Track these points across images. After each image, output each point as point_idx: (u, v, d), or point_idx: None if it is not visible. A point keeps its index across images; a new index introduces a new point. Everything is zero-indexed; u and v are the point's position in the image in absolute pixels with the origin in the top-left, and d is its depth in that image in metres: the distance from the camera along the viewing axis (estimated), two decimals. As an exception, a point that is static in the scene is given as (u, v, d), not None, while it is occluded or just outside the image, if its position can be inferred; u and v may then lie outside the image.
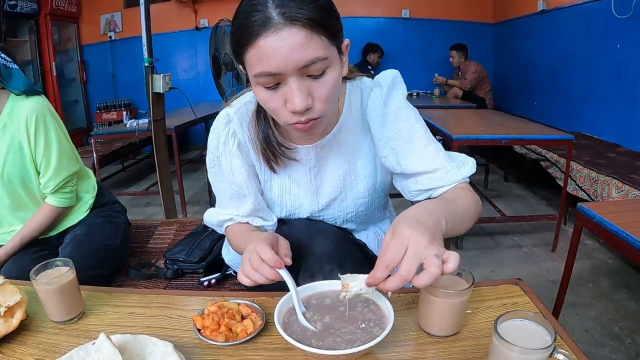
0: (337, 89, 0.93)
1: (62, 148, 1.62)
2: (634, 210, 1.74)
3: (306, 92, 0.88)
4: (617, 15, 3.81)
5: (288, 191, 1.19)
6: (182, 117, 4.16)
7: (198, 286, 1.58)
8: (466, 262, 2.97)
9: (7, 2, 5.29)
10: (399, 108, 1.12)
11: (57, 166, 1.60)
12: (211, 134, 1.14)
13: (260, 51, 0.83)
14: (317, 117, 0.92)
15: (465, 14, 6.42)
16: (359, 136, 1.17)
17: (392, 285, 0.73)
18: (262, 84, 0.89)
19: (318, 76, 0.88)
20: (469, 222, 1.03)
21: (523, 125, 3.53)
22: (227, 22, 3.19)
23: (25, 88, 1.55)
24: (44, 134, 1.56)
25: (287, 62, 0.83)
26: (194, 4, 6.34)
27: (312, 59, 0.84)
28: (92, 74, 6.80)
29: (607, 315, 2.32)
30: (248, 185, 1.14)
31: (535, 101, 5.51)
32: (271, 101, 0.91)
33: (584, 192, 3.13)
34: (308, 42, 0.83)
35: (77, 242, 1.65)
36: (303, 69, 0.85)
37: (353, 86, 1.16)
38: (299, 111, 0.88)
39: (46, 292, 0.93)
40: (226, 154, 1.12)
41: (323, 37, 0.86)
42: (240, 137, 1.12)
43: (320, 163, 1.17)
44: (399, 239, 0.73)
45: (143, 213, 4.18)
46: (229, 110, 1.13)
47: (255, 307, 0.94)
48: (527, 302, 0.96)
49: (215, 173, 1.17)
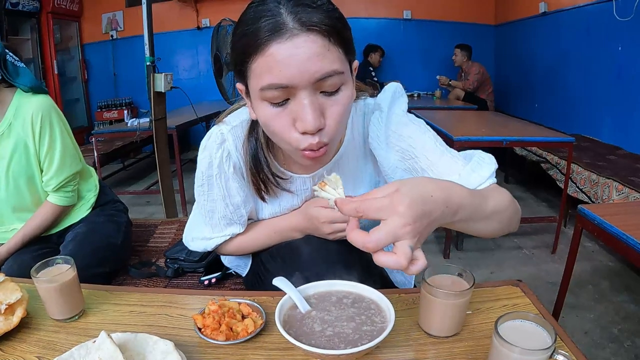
0: (349, 111, 0.87)
1: (66, 147, 1.62)
2: (634, 213, 1.75)
3: (319, 109, 0.80)
4: (618, 17, 3.82)
5: (279, 215, 1.14)
6: (183, 117, 4.17)
7: (198, 285, 1.58)
8: (466, 263, 2.97)
9: (9, 1, 5.31)
10: (401, 125, 1.03)
11: (59, 165, 1.60)
12: (202, 153, 1.05)
13: (271, 60, 0.75)
14: (328, 141, 0.83)
15: (467, 16, 6.43)
16: (360, 163, 1.11)
17: (351, 237, 0.64)
18: (269, 100, 0.80)
19: (332, 93, 0.81)
20: (498, 224, 0.90)
21: (524, 127, 3.54)
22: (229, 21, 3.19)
23: (32, 85, 1.56)
24: (48, 133, 1.56)
25: (302, 73, 0.75)
26: (195, 3, 6.36)
27: (329, 72, 0.77)
28: (94, 72, 6.82)
29: (607, 317, 2.32)
30: (245, 205, 1.10)
31: (537, 103, 5.52)
32: (277, 120, 0.82)
33: (585, 194, 3.14)
34: (325, 52, 0.76)
35: (78, 240, 1.65)
36: (318, 83, 0.78)
37: (356, 109, 1.07)
38: (310, 131, 0.79)
39: (47, 290, 0.93)
40: (221, 177, 1.04)
41: (340, 49, 0.79)
42: (235, 159, 1.04)
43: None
44: (389, 207, 0.63)
45: (144, 212, 4.19)
46: (223, 129, 1.04)
47: (255, 306, 0.94)
48: (528, 303, 0.96)
49: (205, 194, 1.08)
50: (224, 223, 1.12)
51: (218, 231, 1.14)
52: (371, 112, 1.06)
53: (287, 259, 1.10)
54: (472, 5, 6.41)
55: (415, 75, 6.27)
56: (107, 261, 1.65)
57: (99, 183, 1.87)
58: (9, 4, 5.32)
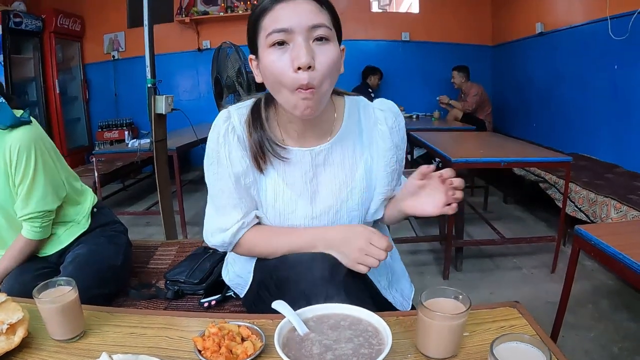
0: (336, 67, 1.04)
1: (35, 185, 1.58)
2: (630, 232, 1.76)
3: (311, 51, 0.99)
4: (614, 36, 3.87)
5: (281, 194, 1.18)
6: (183, 138, 4.18)
7: (198, 307, 1.58)
8: (466, 284, 2.97)
9: (12, 20, 5.40)
10: (404, 140, 1.26)
11: (24, 199, 1.58)
12: (211, 132, 1.18)
13: (276, 14, 0.99)
14: (316, 85, 1.00)
15: (465, 37, 6.51)
16: (357, 149, 1.22)
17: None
18: (272, 41, 1.00)
19: (322, 43, 1.01)
20: None
21: (521, 147, 3.56)
22: (230, 44, 3.23)
23: (11, 123, 1.53)
24: (23, 165, 1.54)
25: (299, 20, 0.98)
26: (196, 25, 6.43)
27: (320, 23, 1.00)
28: (95, 92, 6.86)
29: (607, 336, 2.31)
30: (247, 175, 1.16)
31: (534, 122, 5.55)
32: (278, 63, 1.00)
33: (583, 213, 3.15)
34: (317, 12, 1.00)
35: (78, 261, 1.65)
36: (310, 31, 0.99)
37: (352, 102, 1.25)
38: (303, 64, 0.96)
39: (49, 310, 0.94)
40: (226, 146, 1.14)
41: (329, 16, 1.03)
42: (239, 132, 1.15)
43: (316, 169, 1.18)
44: None
45: (143, 232, 4.19)
46: (230, 108, 1.20)
47: (255, 329, 0.95)
48: (525, 324, 0.97)
49: (214, 172, 1.17)
50: (232, 204, 1.17)
51: (229, 216, 1.18)
52: (371, 108, 1.25)
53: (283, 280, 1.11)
54: (470, 27, 6.49)
55: (413, 97, 6.31)
56: (108, 283, 1.65)
57: (96, 204, 1.87)
58: (13, 22, 5.40)
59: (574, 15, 4.60)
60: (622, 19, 3.76)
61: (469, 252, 3.42)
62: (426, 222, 3.96)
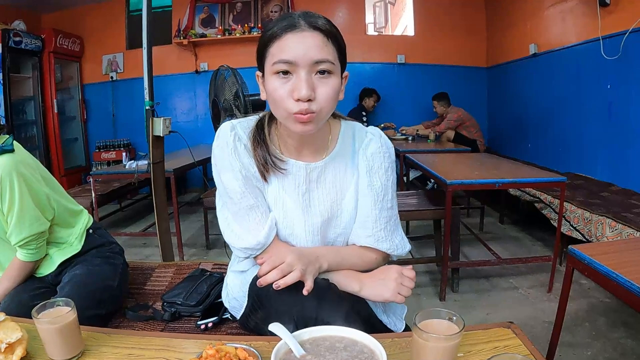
0: (335, 97, 1.11)
1: (24, 209, 1.59)
2: (623, 251, 1.77)
3: (311, 85, 1.05)
4: (606, 56, 3.93)
5: (282, 202, 1.24)
6: (180, 159, 4.20)
7: (195, 329, 1.58)
8: (462, 305, 2.97)
9: (12, 39, 5.45)
10: (389, 171, 1.30)
11: (17, 225, 1.58)
12: (216, 140, 1.22)
13: (284, 43, 1.05)
14: (315, 110, 1.06)
15: (460, 59, 6.57)
16: (348, 172, 1.29)
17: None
18: (277, 70, 1.06)
19: (324, 76, 1.06)
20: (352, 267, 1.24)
21: (516, 168, 3.58)
22: (227, 68, 3.27)
23: None
24: (8, 193, 1.55)
25: (304, 54, 1.03)
26: (194, 47, 6.49)
27: (324, 58, 1.05)
28: (93, 112, 6.88)
29: (605, 354, 2.31)
30: (257, 179, 1.22)
31: (529, 143, 5.59)
32: (280, 90, 1.06)
33: (579, 232, 3.16)
34: (323, 46, 1.05)
35: (75, 281, 1.66)
36: (314, 65, 1.05)
37: (347, 125, 1.32)
38: (302, 98, 1.03)
39: (47, 331, 0.95)
40: (235, 153, 1.20)
41: (335, 49, 1.08)
42: (245, 141, 1.22)
43: (309, 184, 1.24)
44: None
45: (140, 254, 4.17)
46: (232, 121, 1.25)
47: (252, 350, 0.95)
48: (519, 344, 0.98)
49: (221, 180, 1.22)
50: (249, 205, 1.21)
51: (250, 218, 1.22)
52: (364, 133, 1.31)
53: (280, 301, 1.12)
54: (464, 49, 6.56)
55: (408, 118, 6.34)
56: (104, 303, 1.66)
57: (92, 225, 1.88)
58: (12, 42, 5.46)
59: (566, 36, 4.68)
60: (614, 39, 3.83)
61: (466, 273, 3.42)
62: (422, 244, 3.98)
